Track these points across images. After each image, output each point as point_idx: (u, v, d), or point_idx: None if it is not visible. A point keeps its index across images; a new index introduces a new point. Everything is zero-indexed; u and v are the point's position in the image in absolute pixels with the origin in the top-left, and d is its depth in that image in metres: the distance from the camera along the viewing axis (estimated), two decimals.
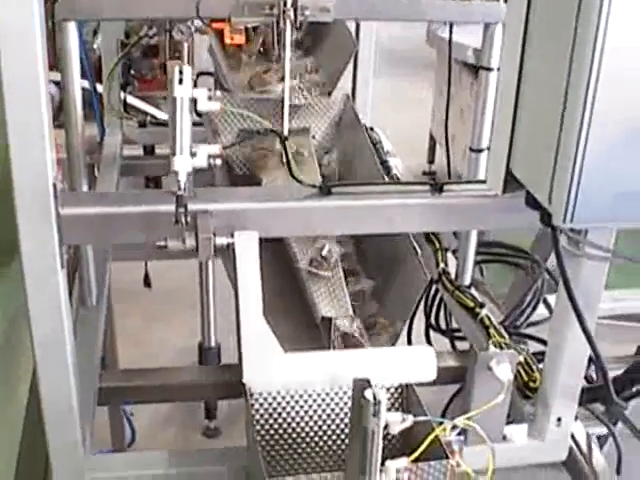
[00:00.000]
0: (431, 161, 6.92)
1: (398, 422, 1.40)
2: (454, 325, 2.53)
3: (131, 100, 3.52)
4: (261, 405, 1.69)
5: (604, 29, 1.22)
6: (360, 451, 1.38)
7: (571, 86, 1.29)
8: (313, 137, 2.21)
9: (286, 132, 1.79)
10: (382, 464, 1.43)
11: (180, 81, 1.40)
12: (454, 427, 1.51)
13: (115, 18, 2.46)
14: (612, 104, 1.27)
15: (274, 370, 1.47)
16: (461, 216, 1.61)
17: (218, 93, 1.42)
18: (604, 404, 1.93)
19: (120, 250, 2.60)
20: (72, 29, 1.97)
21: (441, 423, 1.53)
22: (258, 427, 1.65)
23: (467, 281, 2.40)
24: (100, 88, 2.94)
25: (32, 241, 1.47)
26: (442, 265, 2.40)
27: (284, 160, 1.81)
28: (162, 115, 3.74)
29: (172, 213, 1.45)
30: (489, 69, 2.11)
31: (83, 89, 2.09)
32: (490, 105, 2.16)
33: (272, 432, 1.70)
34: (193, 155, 1.40)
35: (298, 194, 1.57)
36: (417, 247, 1.75)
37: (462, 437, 1.66)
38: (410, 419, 1.41)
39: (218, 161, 1.42)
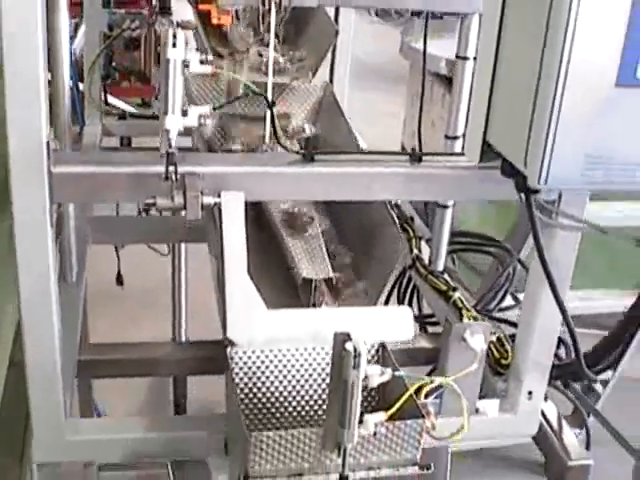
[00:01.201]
0: None
1: (377, 375, 1.45)
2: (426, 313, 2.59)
3: (111, 100, 3.55)
4: (240, 369, 1.73)
5: (577, 3, 1.30)
6: (340, 404, 1.42)
7: (545, 56, 1.36)
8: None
9: (270, 96, 1.84)
10: (360, 419, 1.48)
11: (174, 44, 1.45)
12: (431, 384, 1.56)
13: None
14: (583, 73, 1.34)
15: (257, 326, 1.52)
16: (438, 186, 1.67)
17: (210, 57, 1.48)
18: (574, 380, 1.99)
19: (99, 232, 2.63)
20: (63, 11, 2.01)
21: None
22: (238, 390, 1.69)
23: (440, 267, 2.46)
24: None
25: (24, 198, 1.51)
26: (416, 251, 2.46)
27: (269, 127, 1.85)
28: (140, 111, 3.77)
29: (161, 173, 1.49)
30: (465, 58, 2.18)
31: None
32: (466, 95, 2.23)
33: (251, 396, 1.74)
34: (184, 114, 1.45)
35: (282, 160, 1.62)
36: (394, 217, 1.81)
37: (438, 401, 1.72)
38: (389, 372, 1.46)
39: (208, 121, 1.47)
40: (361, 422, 1.46)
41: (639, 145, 1.40)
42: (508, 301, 2.62)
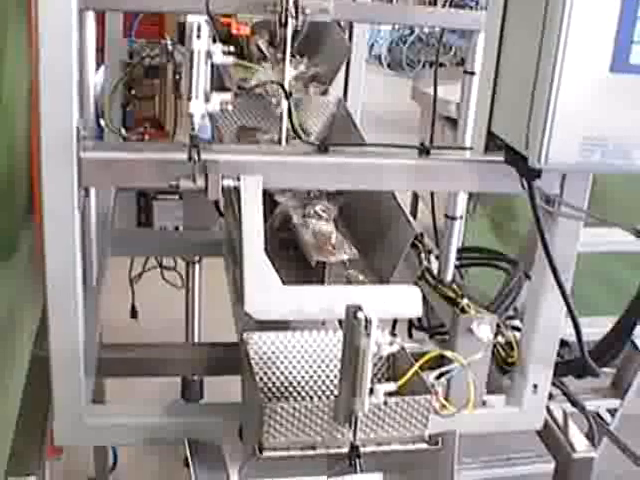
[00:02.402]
0: (414, 218, 7.11)
1: (387, 344, 1.52)
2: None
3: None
4: (256, 353, 1.81)
5: None
6: (352, 372, 1.49)
7: (544, 46, 1.47)
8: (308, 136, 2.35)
9: (287, 84, 1.94)
10: (371, 390, 1.54)
11: (198, 36, 1.56)
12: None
13: (131, 10, 2.63)
14: (579, 60, 1.45)
15: (273, 301, 1.59)
16: (445, 177, 1.76)
17: (232, 48, 1.59)
18: (579, 376, 2.04)
19: (118, 247, 2.72)
20: (90, 19, 2.14)
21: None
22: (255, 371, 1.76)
23: (448, 278, 2.54)
24: None
25: (54, 182, 1.60)
26: (425, 263, 2.54)
27: (286, 116, 1.95)
28: None
29: (184, 160, 1.59)
30: (472, 73, 2.28)
31: None
32: (472, 107, 2.33)
33: (266, 379, 1.81)
34: (207, 101, 1.56)
35: (298, 150, 1.72)
36: (403, 208, 1.89)
37: (445, 381, 1.79)
38: (398, 342, 1.53)
39: (229, 107, 1.57)
40: (372, 392, 1.53)
41: (634, 128, 1.50)
42: None
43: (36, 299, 3.00)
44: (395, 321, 2.62)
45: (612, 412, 3.79)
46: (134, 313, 4.38)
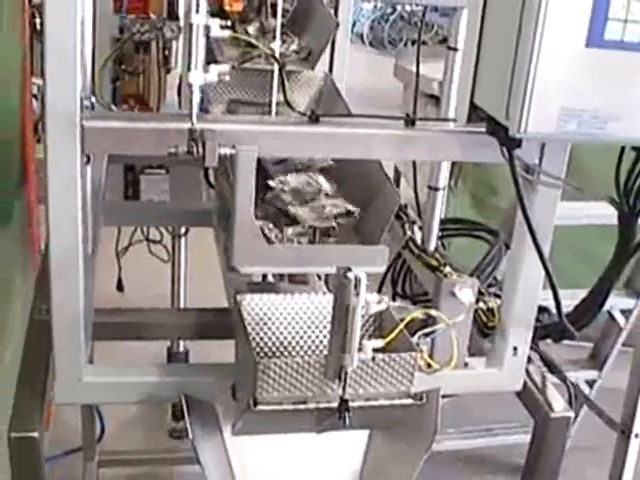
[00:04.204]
0: None
1: (375, 302, 1.61)
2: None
3: None
4: (248, 314, 1.90)
5: None
6: (342, 329, 1.58)
7: (523, 22, 1.55)
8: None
9: (277, 53, 2.02)
10: (360, 347, 1.64)
11: (197, 11, 1.63)
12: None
13: None
14: (556, 35, 1.53)
15: (257, 257, 1.71)
16: (429, 147, 1.85)
17: (229, 22, 1.66)
18: (557, 339, 2.14)
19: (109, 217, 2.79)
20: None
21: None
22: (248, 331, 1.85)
23: (431, 248, 2.63)
24: None
25: (58, 149, 1.68)
26: (409, 233, 2.64)
27: (277, 85, 2.03)
28: None
29: (182, 130, 1.67)
30: (455, 49, 2.36)
31: None
32: (455, 83, 2.42)
33: (258, 339, 1.91)
34: (205, 72, 1.64)
35: (290, 120, 1.80)
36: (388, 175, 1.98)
37: (429, 340, 1.89)
38: (385, 301, 1.63)
39: (227, 77, 1.65)
40: (360, 349, 1.63)
41: (608, 100, 1.59)
42: None
43: (28, 264, 3.09)
44: (380, 286, 2.72)
45: (591, 384, 3.93)
46: (120, 286, 4.41)
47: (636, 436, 3.31)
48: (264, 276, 2.47)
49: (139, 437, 4.49)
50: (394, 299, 2.83)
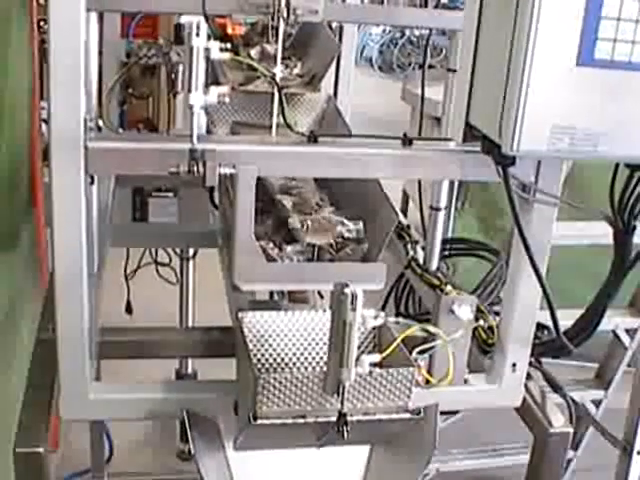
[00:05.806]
0: (404, 215, 7.24)
1: (372, 317, 1.64)
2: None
3: None
4: (250, 331, 1.93)
5: None
6: (340, 344, 1.61)
7: (515, 42, 1.59)
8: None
9: (279, 75, 2.06)
10: (357, 360, 1.67)
11: (197, 34, 1.68)
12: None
13: (129, 11, 2.75)
14: (547, 54, 1.57)
15: (259, 275, 1.74)
16: (427, 166, 1.89)
17: (229, 45, 1.71)
18: (556, 356, 2.17)
19: (116, 239, 2.83)
20: (93, 20, 2.25)
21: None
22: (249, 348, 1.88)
23: (434, 267, 2.66)
24: None
25: (62, 169, 1.72)
26: (412, 253, 2.67)
27: (277, 107, 2.07)
28: None
29: (183, 150, 1.71)
30: (454, 71, 2.41)
31: None
32: None
33: (259, 356, 1.94)
34: (205, 93, 1.68)
35: (289, 140, 1.84)
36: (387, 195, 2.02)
37: (427, 357, 1.91)
38: (382, 316, 1.66)
39: (227, 99, 1.70)
40: (358, 363, 1.65)
41: (598, 118, 1.62)
42: None
43: (36, 286, 3.13)
44: (384, 305, 2.76)
45: (597, 404, 3.93)
46: (129, 309, 4.45)
47: (638, 453, 3.31)
48: (271, 295, 2.51)
49: (147, 459, 4.51)
50: (396, 317, 2.86)
